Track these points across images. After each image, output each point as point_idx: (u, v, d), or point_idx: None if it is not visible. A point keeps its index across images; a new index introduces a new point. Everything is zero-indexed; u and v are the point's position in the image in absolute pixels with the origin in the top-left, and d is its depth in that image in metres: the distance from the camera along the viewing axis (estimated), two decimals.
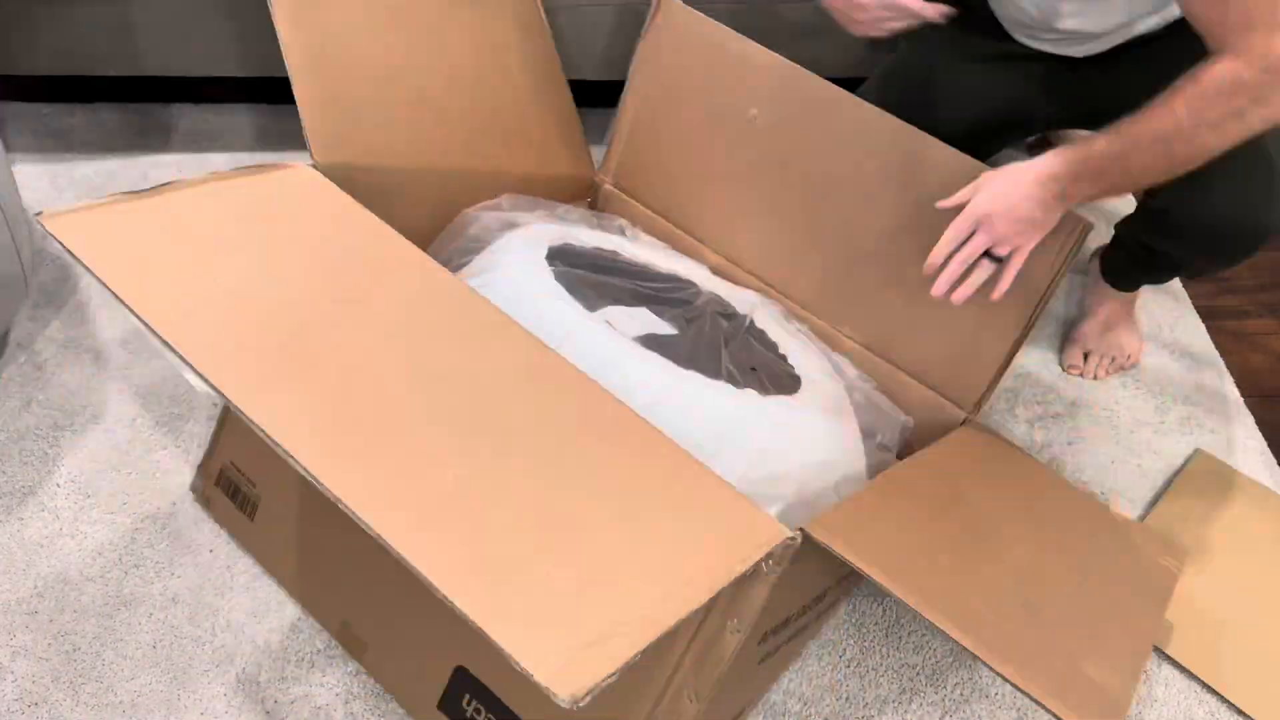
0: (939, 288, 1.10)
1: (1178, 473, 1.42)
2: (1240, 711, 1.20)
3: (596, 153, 1.46)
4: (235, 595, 1.17)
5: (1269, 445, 1.47)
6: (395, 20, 1.23)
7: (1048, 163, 1.03)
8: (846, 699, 1.17)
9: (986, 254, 1.07)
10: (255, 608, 1.16)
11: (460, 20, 1.30)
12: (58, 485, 1.24)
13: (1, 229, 1.20)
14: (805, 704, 1.16)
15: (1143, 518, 1.36)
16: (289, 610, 1.17)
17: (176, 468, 1.26)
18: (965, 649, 0.82)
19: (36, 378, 1.32)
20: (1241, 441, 1.47)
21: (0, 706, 1.07)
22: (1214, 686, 1.21)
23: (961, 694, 1.19)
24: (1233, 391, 1.54)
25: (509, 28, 1.36)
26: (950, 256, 1.08)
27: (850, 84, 1.28)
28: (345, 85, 1.15)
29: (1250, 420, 1.50)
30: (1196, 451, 1.44)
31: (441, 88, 1.26)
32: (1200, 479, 1.40)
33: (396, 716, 1.10)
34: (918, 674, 1.20)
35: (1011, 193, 1.03)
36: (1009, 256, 1.07)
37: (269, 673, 1.12)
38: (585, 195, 1.48)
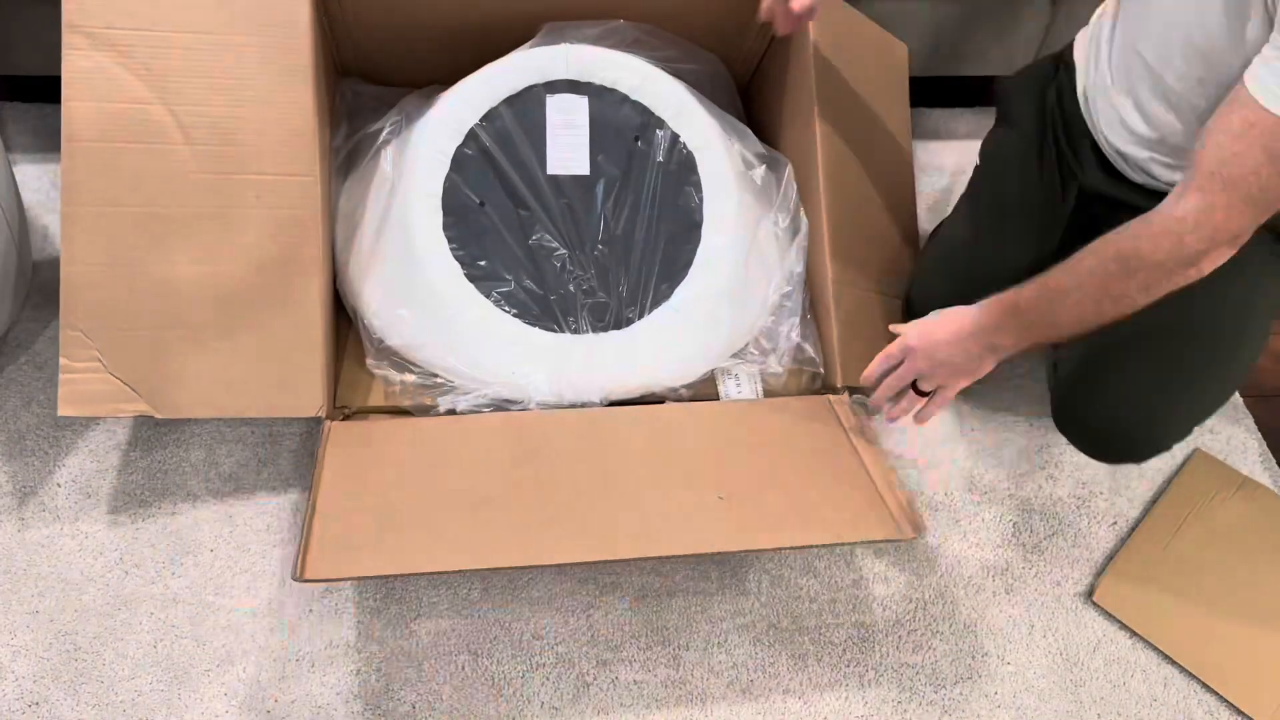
0: (874, 401, 1.14)
1: (1177, 472, 1.42)
2: (1239, 711, 1.20)
3: None
4: (235, 595, 1.17)
5: (1269, 445, 1.47)
6: None
7: (980, 313, 1.02)
8: (846, 699, 1.17)
9: (914, 387, 1.09)
10: (255, 608, 1.17)
11: None
12: (58, 485, 1.24)
13: (1, 229, 1.20)
14: (805, 703, 1.16)
15: (1141, 518, 1.36)
16: (289, 610, 1.17)
17: (178, 467, 1.26)
18: None
19: (36, 378, 1.32)
20: (1241, 441, 1.47)
21: (0, 706, 1.07)
22: (1212, 685, 1.21)
23: (961, 694, 1.19)
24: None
25: None
26: (884, 376, 1.10)
27: None
28: None
29: (1250, 420, 1.50)
30: (1196, 451, 1.44)
31: None
32: (1200, 479, 1.40)
33: (396, 717, 1.11)
34: (918, 674, 1.20)
35: (939, 333, 1.04)
36: (935, 392, 1.08)
37: (269, 673, 1.12)
38: None
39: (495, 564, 1.02)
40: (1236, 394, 1.53)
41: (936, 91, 1.73)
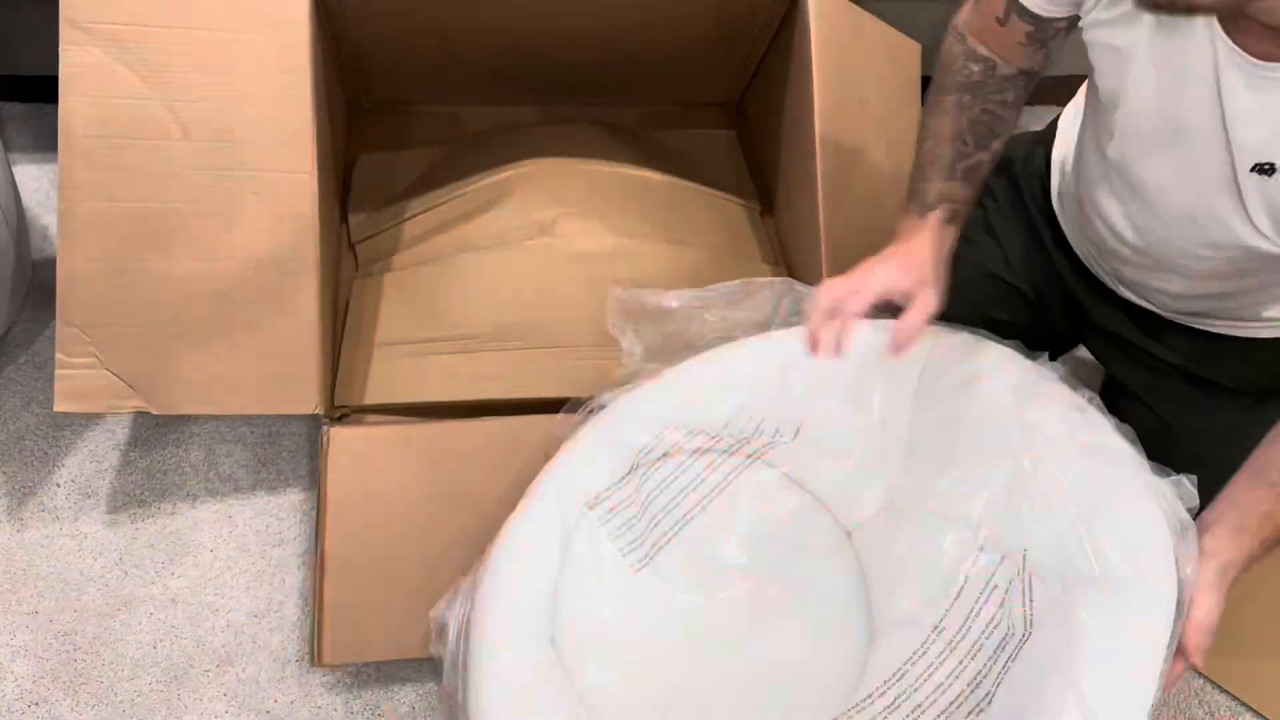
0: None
1: None
2: (1246, 705, 1.19)
3: None
4: (235, 595, 1.17)
5: None
6: None
7: (1227, 561, 0.80)
8: None
9: None
10: (255, 608, 1.16)
11: None
12: (58, 485, 1.24)
13: (1, 229, 1.20)
14: None
15: None
16: (289, 610, 1.16)
17: (177, 467, 1.26)
18: None
19: (36, 378, 1.32)
20: None
21: (0, 706, 1.07)
22: (1216, 680, 1.21)
23: None
24: None
25: None
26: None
27: None
28: None
29: None
30: None
31: None
32: None
33: (397, 717, 1.10)
34: None
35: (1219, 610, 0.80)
36: None
37: (269, 673, 1.12)
38: None
39: None
40: None
41: None
